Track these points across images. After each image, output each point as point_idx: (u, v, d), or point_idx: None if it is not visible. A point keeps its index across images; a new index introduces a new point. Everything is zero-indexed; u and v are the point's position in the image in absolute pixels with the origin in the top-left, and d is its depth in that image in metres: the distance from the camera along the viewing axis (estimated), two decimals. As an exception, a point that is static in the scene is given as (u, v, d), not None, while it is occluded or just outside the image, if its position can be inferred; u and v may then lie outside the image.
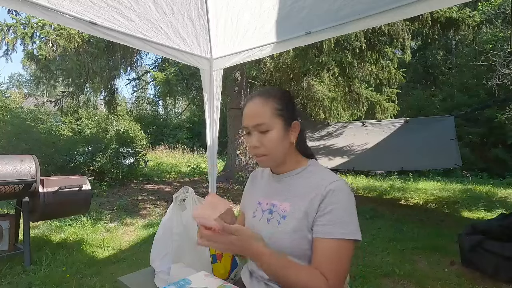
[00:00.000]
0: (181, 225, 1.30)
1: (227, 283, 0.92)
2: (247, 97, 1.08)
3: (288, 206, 0.95)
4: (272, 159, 0.97)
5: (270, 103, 0.95)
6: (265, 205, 1.02)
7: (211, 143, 2.35)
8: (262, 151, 0.95)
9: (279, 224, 0.93)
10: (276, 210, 0.97)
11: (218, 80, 2.32)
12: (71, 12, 1.56)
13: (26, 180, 2.57)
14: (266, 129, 0.94)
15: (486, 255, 2.55)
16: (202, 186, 7.00)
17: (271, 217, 0.97)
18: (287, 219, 0.92)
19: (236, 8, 1.83)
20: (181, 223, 1.31)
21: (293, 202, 0.94)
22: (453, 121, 5.62)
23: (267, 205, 1.01)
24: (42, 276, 2.51)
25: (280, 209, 0.96)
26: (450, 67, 16.16)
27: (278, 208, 0.97)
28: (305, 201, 0.90)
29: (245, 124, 0.98)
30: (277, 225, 0.94)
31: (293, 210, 0.92)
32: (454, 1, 1.55)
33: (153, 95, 15.95)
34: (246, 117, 0.98)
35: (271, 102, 0.96)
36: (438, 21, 5.68)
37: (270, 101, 0.96)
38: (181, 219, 1.32)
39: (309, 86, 7.65)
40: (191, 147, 14.19)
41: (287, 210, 0.94)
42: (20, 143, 6.21)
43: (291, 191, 0.97)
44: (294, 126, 0.98)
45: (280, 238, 0.91)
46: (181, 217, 1.32)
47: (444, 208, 5.32)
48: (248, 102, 1.00)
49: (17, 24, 5.16)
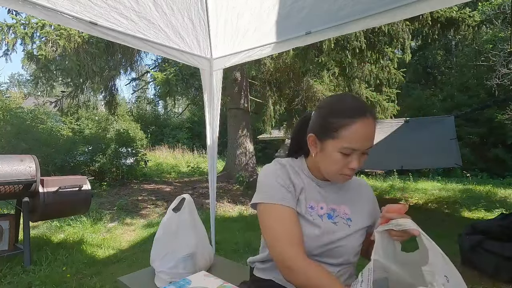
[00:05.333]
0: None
1: (227, 283, 0.92)
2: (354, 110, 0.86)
3: (346, 208, 0.98)
4: None
5: (375, 123, 0.90)
6: (319, 209, 0.95)
7: (211, 143, 2.35)
8: (354, 172, 0.91)
9: (349, 226, 0.95)
10: (338, 214, 0.96)
11: (218, 80, 2.32)
12: (71, 12, 1.55)
13: (26, 180, 2.57)
14: (368, 152, 0.89)
15: (486, 255, 2.55)
16: (202, 186, 7.00)
17: (336, 221, 0.95)
18: (353, 221, 0.96)
19: (236, 8, 1.83)
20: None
21: (349, 204, 0.99)
22: (453, 121, 5.62)
23: (323, 209, 0.95)
24: (42, 276, 2.51)
25: (341, 213, 0.97)
26: (450, 67, 16.17)
27: (339, 212, 0.97)
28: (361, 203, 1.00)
29: (356, 147, 0.85)
30: (348, 227, 0.95)
31: (354, 211, 0.98)
32: (454, 1, 1.55)
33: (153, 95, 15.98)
34: (359, 140, 0.84)
35: (376, 122, 0.90)
36: (438, 21, 5.69)
37: (376, 120, 0.90)
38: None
39: (309, 86, 7.64)
40: (191, 147, 14.20)
41: (348, 213, 0.97)
42: (20, 143, 6.21)
43: (342, 195, 1.00)
44: None
45: (353, 238, 0.94)
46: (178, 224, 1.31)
47: (444, 208, 5.33)
48: (360, 121, 0.84)
49: (17, 24, 5.16)
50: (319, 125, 0.92)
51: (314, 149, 0.94)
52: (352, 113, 0.85)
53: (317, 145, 0.92)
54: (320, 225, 0.92)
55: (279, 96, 8.26)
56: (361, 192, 1.04)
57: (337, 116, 0.86)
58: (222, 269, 1.43)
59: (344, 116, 0.85)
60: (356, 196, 1.02)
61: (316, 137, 0.92)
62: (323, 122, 0.90)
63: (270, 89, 8.05)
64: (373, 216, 1.01)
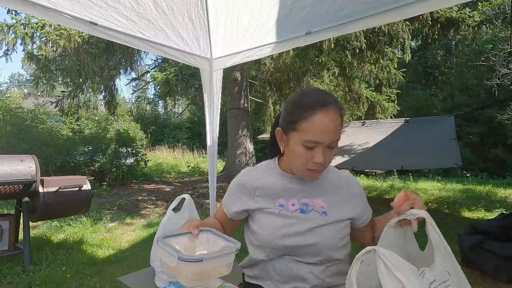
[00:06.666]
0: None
1: (227, 283, 0.92)
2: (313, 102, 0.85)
3: (321, 201, 0.96)
4: (322, 173, 0.92)
5: (342, 115, 0.87)
6: (290, 205, 0.96)
7: (211, 143, 2.35)
8: (323, 166, 0.88)
9: (324, 218, 0.94)
10: (313, 208, 0.95)
11: (218, 80, 2.32)
12: (71, 12, 1.56)
13: (26, 180, 2.56)
14: (334, 146, 0.86)
15: (486, 255, 2.55)
16: (202, 186, 7.00)
17: (310, 215, 0.94)
18: (330, 213, 0.94)
19: (236, 8, 1.83)
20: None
21: (325, 198, 0.96)
22: (453, 121, 5.62)
23: (295, 205, 0.95)
24: (42, 276, 2.51)
25: (316, 206, 0.95)
26: (450, 67, 16.17)
27: (314, 206, 0.95)
28: (341, 196, 0.97)
29: (318, 139, 0.83)
30: (322, 218, 0.93)
31: (331, 204, 0.96)
32: (454, 1, 1.56)
33: (153, 95, 15.98)
34: (320, 132, 0.83)
35: (342, 115, 0.87)
36: (438, 21, 5.69)
37: (341, 113, 0.87)
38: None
39: (309, 86, 7.65)
40: (191, 147, 14.19)
41: (324, 206, 0.95)
42: (20, 143, 6.21)
43: (319, 188, 0.97)
44: None
45: (329, 230, 0.92)
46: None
47: (444, 208, 5.32)
48: (321, 113, 0.83)
49: (17, 24, 5.17)
50: (283, 119, 0.92)
51: (282, 143, 0.95)
52: (313, 105, 0.84)
53: (284, 139, 0.92)
54: (289, 217, 0.94)
55: (279, 96, 8.27)
56: (340, 185, 0.99)
57: (299, 108, 0.86)
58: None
59: (305, 108, 0.85)
60: (335, 189, 0.98)
61: (283, 131, 0.92)
62: (287, 115, 0.90)
63: (270, 89, 8.06)
64: (357, 210, 0.97)
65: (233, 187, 1.05)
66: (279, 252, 0.95)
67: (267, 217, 0.96)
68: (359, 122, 7.20)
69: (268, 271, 0.97)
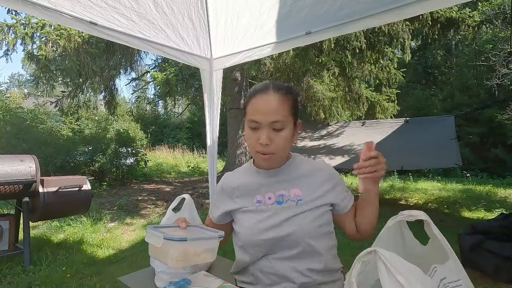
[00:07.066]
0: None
1: (227, 283, 0.92)
2: (256, 88, 0.95)
3: (298, 191, 0.97)
4: (278, 158, 0.96)
5: (287, 101, 0.92)
6: (267, 199, 0.98)
7: (211, 143, 2.35)
8: (272, 149, 0.91)
9: (298, 206, 0.95)
10: (288, 198, 0.96)
11: (218, 80, 2.31)
12: (71, 12, 1.56)
13: (26, 180, 2.57)
14: (281, 127, 0.91)
15: (486, 255, 2.55)
16: (202, 186, 7.00)
17: (285, 205, 0.96)
18: (304, 200, 0.95)
19: (236, 8, 1.83)
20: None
21: (301, 186, 0.97)
22: (453, 121, 5.62)
23: (271, 199, 0.98)
24: (42, 276, 2.51)
25: (292, 196, 0.96)
26: (450, 67, 16.16)
27: (289, 195, 0.97)
28: (316, 183, 0.98)
29: (257, 119, 0.90)
30: (295, 205, 0.95)
31: (306, 192, 0.96)
32: (454, 1, 1.56)
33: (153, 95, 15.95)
34: (258, 112, 0.90)
35: (288, 100, 0.92)
36: (438, 21, 5.69)
37: (288, 99, 0.92)
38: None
39: (309, 86, 7.65)
40: (191, 147, 14.18)
41: (300, 194, 0.96)
42: (20, 143, 6.21)
43: (293, 178, 0.99)
44: (298, 126, 0.99)
45: (304, 217, 0.93)
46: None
47: (444, 208, 5.32)
48: (260, 95, 0.92)
49: (17, 24, 5.16)
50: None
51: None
52: (255, 90, 0.95)
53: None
54: (265, 211, 0.96)
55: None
56: (314, 173, 1.00)
57: (248, 96, 0.97)
58: (222, 269, 1.42)
59: (250, 94, 0.95)
60: (308, 176, 0.99)
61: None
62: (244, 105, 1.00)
63: (270, 89, 8.03)
64: (333, 195, 0.98)
65: (215, 193, 1.10)
66: (260, 250, 0.96)
67: (246, 215, 1.00)
68: (359, 122, 7.20)
69: (256, 276, 0.98)
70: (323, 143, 6.90)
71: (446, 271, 0.63)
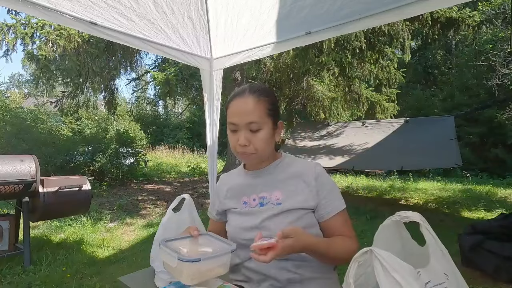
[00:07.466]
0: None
1: (227, 283, 0.92)
2: (234, 92, 1.00)
3: (279, 193, 0.98)
4: (259, 157, 0.99)
5: (263, 102, 0.95)
6: (252, 201, 1.02)
7: (211, 143, 2.35)
8: (251, 149, 0.95)
9: (277, 207, 0.97)
10: (269, 200, 0.99)
11: (218, 80, 2.31)
12: (71, 12, 1.56)
13: (26, 180, 2.57)
14: (257, 128, 0.94)
15: (486, 255, 2.55)
16: (202, 186, 7.00)
17: (266, 207, 0.99)
18: (283, 204, 0.97)
19: (236, 8, 1.83)
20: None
21: (282, 189, 0.99)
22: (453, 121, 5.62)
23: (255, 200, 1.01)
24: (42, 276, 2.51)
25: (272, 198, 0.99)
26: (450, 67, 16.15)
27: (270, 198, 0.99)
28: (297, 186, 0.98)
29: (234, 121, 0.95)
30: (274, 207, 0.97)
31: (287, 195, 0.98)
32: (454, 1, 1.56)
33: (153, 95, 15.95)
34: (235, 114, 0.95)
35: (264, 102, 0.96)
36: (438, 21, 5.69)
37: (262, 100, 0.95)
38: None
39: (309, 86, 7.65)
40: (191, 147, 14.19)
41: (280, 197, 0.98)
42: (20, 143, 6.21)
43: (277, 181, 1.01)
44: (279, 126, 1.02)
45: (280, 218, 0.95)
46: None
47: (444, 208, 5.32)
48: (237, 98, 0.96)
49: (17, 24, 5.16)
50: None
51: None
52: (234, 94, 0.99)
53: None
54: (248, 213, 1.00)
55: (279, 96, 8.25)
56: (301, 177, 0.98)
57: (228, 100, 1.01)
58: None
59: (230, 98, 0.99)
60: (293, 180, 0.99)
61: None
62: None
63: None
64: (312, 201, 0.95)
65: (212, 194, 1.17)
66: (247, 251, 0.95)
67: (233, 216, 1.06)
68: (359, 122, 7.20)
69: (247, 274, 1.01)
70: (323, 143, 6.91)
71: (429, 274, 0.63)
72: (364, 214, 4.48)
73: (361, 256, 0.63)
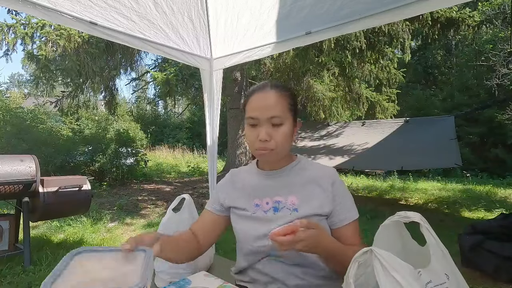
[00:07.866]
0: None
1: (227, 283, 0.92)
2: (254, 87, 0.98)
3: (295, 198, 0.95)
4: (278, 154, 0.94)
5: (285, 97, 0.94)
6: (265, 204, 0.97)
7: (211, 143, 2.35)
8: (272, 145, 0.91)
9: (292, 214, 0.93)
10: (284, 205, 0.95)
11: (218, 80, 2.31)
12: (71, 12, 1.55)
13: (26, 180, 2.57)
14: (279, 123, 0.91)
15: (486, 255, 2.55)
16: (202, 186, 7.00)
17: (281, 213, 0.95)
18: (300, 210, 0.93)
19: (236, 8, 1.83)
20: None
21: (298, 193, 0.96)
22: (453, 121, 5.62)
23: (268, 204, 0.97)
24: (42, 276, 2.51)
25: (288, 203, 0.95)
26: (450, 67, 16.15)
27: (286, 203, 0.95)
28: (313, 191, 0.95)
29: (255, 115, 0.91)
30: (289, 214, 0.93)
31: (302, 200, 0.94)
32: (454, 1, 1.55)
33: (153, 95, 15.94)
34: (256, 109, 0.92)
35: (286, 97, 0.94)
36: (438, 21, 5.69)
37: (284, 95, 0.94)
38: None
39: (309, 86, 7.65)
40: (191, 147, 14.19)
41: (296, 203, 0.94)
42: (20, 143, 6.21)
43: (292, 184, 0.97)
44: (298, 124, 0.99)
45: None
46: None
47: (444, 208, 5.32)
48: (258, 93, 0.94)
49: (17, 24, 5.16)
50: None
51: None
52: (254, 89, 0.97)
53: None
54: (260, 218, 0.96)
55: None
56: (317, 182, 0.96)
57: (246, 96, 0.99)
58: (222, 269, 1.42)
59: (249, 93, 0.98)
60: (310, 185, 0.96)
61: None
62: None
63: (270, 89, 8.03)
64: (327, 207, 0.93)
65: (218, 186, 1.12)
66: (256, 256, 0.96)
67: (243, 218, 1.00)
68: (359, 122, 7.21)
69: (254, 277, 0.99)
70: (323, 143, 6.91)
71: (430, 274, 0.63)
72: (364, 214, 4.48)
73: (361, 256, 0.63)
